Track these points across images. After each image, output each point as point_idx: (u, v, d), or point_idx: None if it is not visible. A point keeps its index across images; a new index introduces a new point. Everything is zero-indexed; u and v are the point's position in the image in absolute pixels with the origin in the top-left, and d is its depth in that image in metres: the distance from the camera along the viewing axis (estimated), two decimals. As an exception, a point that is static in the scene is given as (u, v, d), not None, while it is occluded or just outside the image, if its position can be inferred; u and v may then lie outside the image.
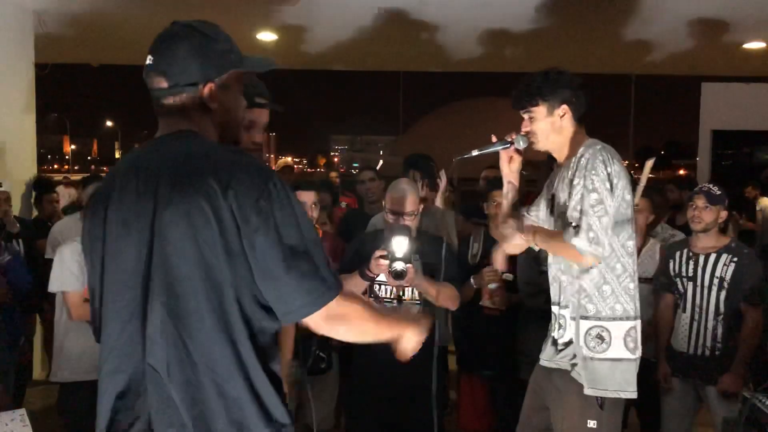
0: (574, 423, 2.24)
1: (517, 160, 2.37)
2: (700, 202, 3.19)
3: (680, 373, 3.28)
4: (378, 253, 2.69)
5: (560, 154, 2.36)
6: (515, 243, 2.39)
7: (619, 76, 11.34)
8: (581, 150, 2.26)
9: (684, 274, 3.26)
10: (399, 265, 2.61)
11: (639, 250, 3.59)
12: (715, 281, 3.16)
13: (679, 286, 3.29)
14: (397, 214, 2.86)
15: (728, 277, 3.13)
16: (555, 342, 2.36)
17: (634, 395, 2.25)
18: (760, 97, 6.87)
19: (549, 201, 2.42)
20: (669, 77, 13.07)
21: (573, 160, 2.27)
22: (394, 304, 2.92)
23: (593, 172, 2.15)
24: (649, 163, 2.79)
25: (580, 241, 2.11)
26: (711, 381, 3.15)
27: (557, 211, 2.32)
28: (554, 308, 2.39)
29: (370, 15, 5.89)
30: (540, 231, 2.31)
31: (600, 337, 2.21)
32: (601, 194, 2.14)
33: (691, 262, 3.25)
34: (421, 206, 3.01)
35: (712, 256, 3.19)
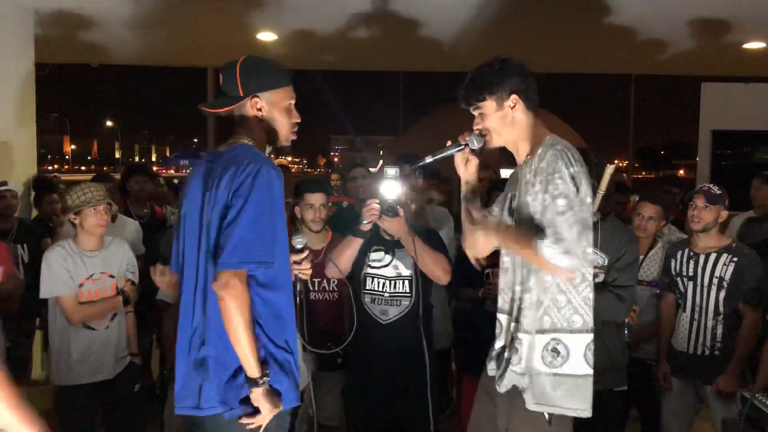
0: None
1: (474, 161, 2.25)
2: (700, 201, 3.19)
3: (680, 372, 3.28)
4: (369, 202, 2.73)
5: (519, 151, 2.18)
6: (480, 243, 2.13)
7: (619, 76, 11.33)
8: (541, 149, 2.08)
9: (684, 273, 3.27)
10: (390, 201, 2.63)
11: (645, 254, 3.60)
12: (715, 281, 3.17)
13: (680, 286, 3.29)
14: None
15: (728, 277, 3.14)
16: (501, 352, 2.18)
17: (589, 414, 2.04)
18: (760, 97, 6.86)
19: (508, 201, 2.26)
20: (669, 77, 13.07)
21: (532, 158, 2.10)
22: (386, 296, 2.93)
23: (557, 174, 1.95)
24: (610, 169, 2.74)
25: (552, 255, 1.89)
26: (710, 381, 3.15)
27: (517, 214, 2.13)
28: (501, 317, 2.20)
29: (370, 15, 5.88)
30: (505, 233, 2.09)
31: (555, 351, 2.03)
32: (570, 199, 1.93)
33: (692, 262, 3.25)
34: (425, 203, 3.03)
35: (713, 256, 3.19)
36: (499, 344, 2.21)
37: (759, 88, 6.99)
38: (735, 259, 3.15)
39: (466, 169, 2.27)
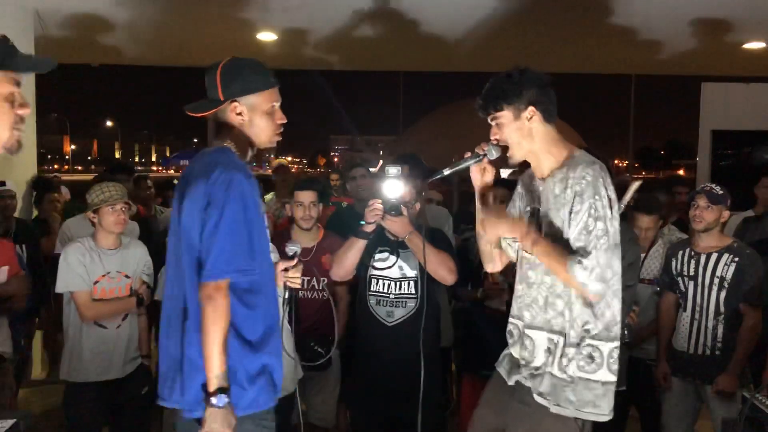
0: None
1: (491, 171, 2.21)
2: (702, 201, 3.18)
3: (680, 372, 3.28)
4: (371, 201, 2.72)
5: (538, 163, 2.16)
6: (500, 234, 2.19)
7: (619, 76, 11.32)
8: (571, 163, 2.07)
9: (685, 273, 3.27)
10: (393, 200, 2.63)
11: (646, 252, 3.60)
12: (716, 281, 3.16)
13: (681, 285, 3.29)
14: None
15: (729, 276, 3.13)
16: (524, 363, 2.18)
17: (609, 417, 2.10)
18: (760, 97, 6.85)
19: (528, 215, 2.22)
20: (669, 77, 13.08)
21: (561, 173, 2.08)
22: (391, 298, 2.93)
23: (597, 197, 1.98)
24: (634, 185, 2.74)
25: (587, 279, 1.95)
26: (711, 381, 3.15)
27: (545, 230, 2.12)
28: (533, 332, 2.18)
29: (371, 15, 5.88)
30: (542, 242, 2.06)
31: (591, 357, 2.06)
32: (607, 223, 1.99)
33: (693, 261, 3.25)
34: (417, 205, 3.02)
35: (714, 256, 3.19)
36: (524, 355, 2.20)
37: (759, 88, 6.98)
38: (736, 259, 3.14)
39: (482, 181, 2.23)
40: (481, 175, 2.23)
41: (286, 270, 2.30)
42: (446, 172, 2.20)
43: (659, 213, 3.62)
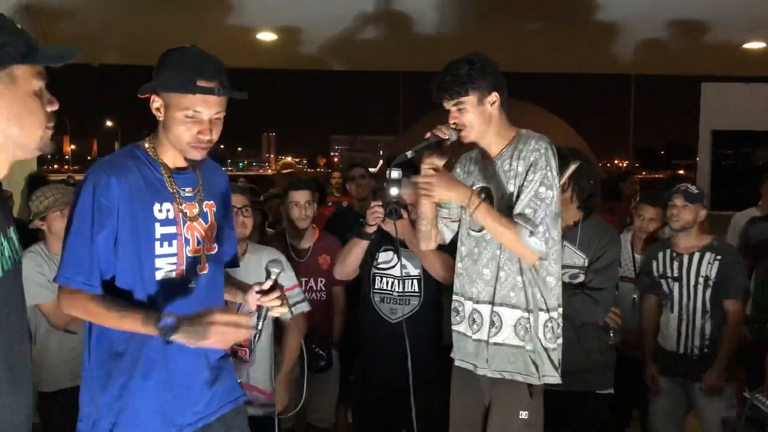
0: (506, 416, 2.23)
1: (444, 155, 2.26)
2: (679, 201, 3.22)
3: (669, 372, 3.28)
4: (373, 204, 2.74)
5: (489, 146, 2.26)
6: (449, 198, 2.24)
7: (619, 76, 11.34)
8: (521, 138, 2.20)
9: (669, 274, 3.27)
10: (394, 204, 2.60)
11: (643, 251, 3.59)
12: (701, 280, 3.19)
13: (665, 287, 3.28)
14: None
15: (713, 275, 3.17)
16: (477, 339, 2.27)
17: (559, 380, 2.24)
18: (760, 97, 6.87)
19: (478, 194, 2.29)
20: (669, 77, 13.09)
21: (510, 150, 2.20)
22: (395, 295, 2.93)
23: (549, 167, 2.12)
24: (572, 167, 2.77)
25: (537, 243, 2.09)
26: (699, 379, 3.17)
27: (497, 205, 2.22)
28: (480, 306, 2.26)
29: (371, 15, 5.89)
30: (486, 207, 2.15)
31: (545, 325, 2.21)
32: (555, 192, 2.14)
33: (676, 263, 3.26)
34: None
35: (696, 256, 3.21)
36: (486, 334, 2.26)
37: (759, 88, 6.99)
38: (719, 257, 3.17)
39: (433, 162, 2.27)
40: (435, 158, 2.27)
41: (260, 293, 1.85)
42: (409, 154, 2.22)
43: (663, 206, 3.62)
